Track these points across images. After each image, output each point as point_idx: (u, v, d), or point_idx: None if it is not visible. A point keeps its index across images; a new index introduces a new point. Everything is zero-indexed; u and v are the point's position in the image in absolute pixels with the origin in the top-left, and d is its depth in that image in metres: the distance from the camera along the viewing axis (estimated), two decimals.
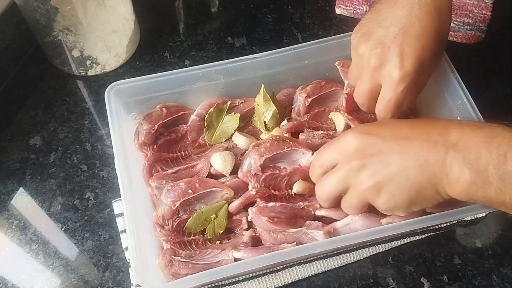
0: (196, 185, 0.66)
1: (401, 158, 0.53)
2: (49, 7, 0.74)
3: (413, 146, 0.53)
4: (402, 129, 0.55)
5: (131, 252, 0.59)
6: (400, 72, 0.59)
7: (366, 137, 0.55)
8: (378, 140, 0.55)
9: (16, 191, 0.74)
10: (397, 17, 0.60)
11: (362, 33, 0.63)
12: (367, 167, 0.54)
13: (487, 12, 0.90)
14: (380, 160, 0.54)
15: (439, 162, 0.51)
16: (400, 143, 0.53)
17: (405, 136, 0.54)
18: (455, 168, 0.51)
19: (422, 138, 0.53)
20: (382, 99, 0.62)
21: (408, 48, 0.59)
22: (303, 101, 0.74)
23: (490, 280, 0.67)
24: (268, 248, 0.63)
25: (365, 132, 0.56)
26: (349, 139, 0.56)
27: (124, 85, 0.70)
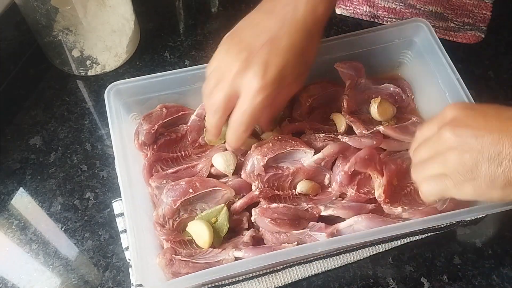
0: (197, 185, 0.66)
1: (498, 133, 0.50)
2: (49, 7, 0.74)
3: None
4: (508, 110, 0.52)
5: (131, 251, 0.59)
6: (261, 81, 0.57)
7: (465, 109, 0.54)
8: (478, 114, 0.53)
9: (16, 191, 0.74)
10: (268, 27, 0.59)
11: (232, 38, 0.62)
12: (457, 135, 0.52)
13: (487, 12, 0.90)
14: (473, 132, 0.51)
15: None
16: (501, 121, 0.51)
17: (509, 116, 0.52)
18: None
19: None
20: (238, 108, 0.60)
21: (273, 58, 0.58)
22: (303, 102, 0.74)
23: (490, 280, 0.67)
24: (269, 248, 0.63)
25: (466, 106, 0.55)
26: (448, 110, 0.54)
27: (124, 85, 0.70)
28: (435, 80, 0.72)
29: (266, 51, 0.58)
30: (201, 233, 0.64)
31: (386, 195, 0.65)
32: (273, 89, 0.58)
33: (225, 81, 0.60)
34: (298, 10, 0.59)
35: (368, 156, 0.67)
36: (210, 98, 0.62)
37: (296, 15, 0.59)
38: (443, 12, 0.91)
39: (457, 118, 0.53)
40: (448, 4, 0.91)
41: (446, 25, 0.89)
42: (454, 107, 0.54)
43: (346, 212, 0.65)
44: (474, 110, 0.54)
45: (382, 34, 0.75)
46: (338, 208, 0.65)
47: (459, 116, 0.53)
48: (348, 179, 0.67)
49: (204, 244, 0.64)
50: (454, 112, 0.54)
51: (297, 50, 0.59)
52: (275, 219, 0.64)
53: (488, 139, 0.50)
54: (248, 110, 0.59)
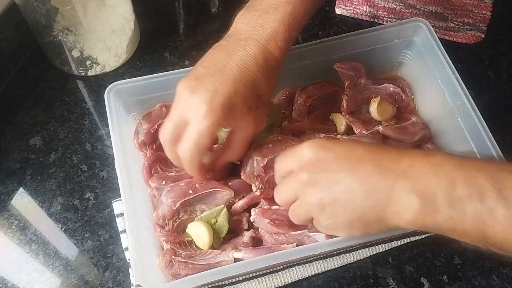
0: (197, 186, 0.66)
1: (349, 179, 0.52)
2: (49, 7, 0.74)
3: (364, 170, 0.52)
4: (357, 151, 0.54)
5: (131, 252, 0.59)
6: (207, 106, 0.56)
7: (320, 151, 0.54)
8: (331, 156, 0.54)
9: (16, 191, 0.74)
10: (218, 59, 0.59)
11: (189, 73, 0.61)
12: (315, 182, 0.54)
13: (487, 12, 0.90)
14: (328, 178, 0.53)
15: (387, 189, 0.50)
16: (352, 164, 0.53)
17: (359, 158, 0.53)
18: (403, 195, 0.50)
19: (375, 163, 0.52)
20: (185, 136, 0.59)
21: (221, 86, 0.57)
22: (303, 102, 0.74)
23: (490, 280, 0.67)
24: (269, 249, 0.63)
25: (321, 146, 0.55)
26: (304, 150, 0.55)
27: (124, 85, 0.70)
28: (434, 80, 0.72)
29: (215, 78, 0.57)
30: (201, 235, 0.64)
31: None
32: (221, 116, 0.57)
33: (173, 111, 0.60)
34: (249, 45, 0.59)
35: None
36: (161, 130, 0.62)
37: (246, 50, 0.59)
38: (443, 12, 0.91)
39: (313, 160, 0.54)
40: (448, 4, 0.91)
41: (446, 25, 0.89)
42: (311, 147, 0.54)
43: None
44: (328, 151, 0.54)
45: (382, 34, 0.75)
46: None
47: (315, 158, 0.54)
48: None
49: (203, 246, 0.64)
50: (310, 154, 0.54)
51: (247, 81, 0.58)
52: (274, 220, 0.64)
53: (341, 186, 0.52)
54: (194, 136, 0.58)
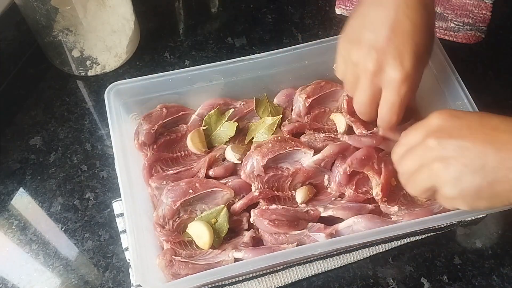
0: (197, 185, 0.66)
1: (482, 145, 0.50)
2: (49, 7, 0.74)
3: (500, 137, 0.50)
4: (492, 120, 0.52)
5: (131, 252, 0.59)
6: (401, 73, 0.57)
7: (450, 118, 0.53)
8: (463, 124, 0.52)
9: (16, 191, 0.74)
10: (384, 17, 0.58)
11: (350, 40, 0.61)
12: (443, 147, 0.51)
13: (487, 12, 0.90)
14: (459, 144, 0.51)
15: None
16: (485, 132, 0.50)
17: (494, 126, 0.51)
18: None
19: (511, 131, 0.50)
20: (385, 103, 0.60)
21: (403, 47, 0.57)
22: (303, 102, 0.74)
23: (490, 280, 0.67)
24: (269, 249, 0.63)
25: (451, 114, 0.53)
26: (432, 119, 0.54)
27: (124, 86, 0.70)
28: (434, 80, 0.72)
29: (393, 42, 0.57)
30: (201, 234, 0.64)
31: (384, 194, 0.66)
32: (415, 75, 0.58)
33: (363, 84, 0.60)
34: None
35: (365, 156, 0.67)
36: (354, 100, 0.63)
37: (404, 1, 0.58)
38: (443, 12, 0.91)
39: (443, 128, 0.53)
40: (448, 4, 0.91)
41: (446, 25, 0.89)
42: (439, 116, 0.54)
43: (346, 212, 0.65)
44: (459, 119, 0.53)
45: None
46: (337, 209, 0.65)
47: (444, 125, 0.53)
48: (347, 179, 0.67)
49: (204, 245, 0.64)
50: (439, 121, 0.53)
51: (422, 27, 0.58)
52: (274, 220, 0.64)
53: (472, 152, 0.50)
54: (396, 102, 0.59)
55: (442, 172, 0.52)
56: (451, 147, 0.51)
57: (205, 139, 0.73)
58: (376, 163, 0.67)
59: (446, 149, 0.51)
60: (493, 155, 0.49)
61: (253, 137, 0.73)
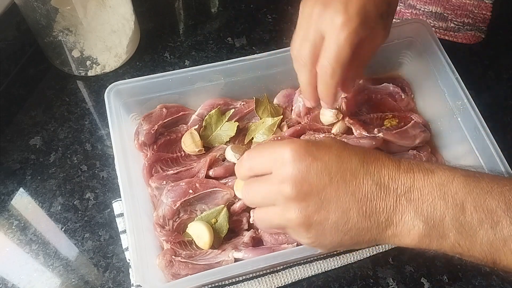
0: (197, 185, 0.66)
1: (344, 198, 0.46)
2: (49, 7, 0.74)
3: (361, 187, 0.47)
4: (351, 161, 0.48)
5: (131, 252, 0.59)
6: (343, 16, 0.53)
7: (306, 160, 0.47)
8: (321, 168, 0.47)
9: (16, 191, 0.74)
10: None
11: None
12: (302, 199, 0.47)
13: (487, 12, 0.90)
14: (319, 196, 0.47)
15: (387, 210, 0.46)
16: (346, 179, 0.47)
17: (353, 171, 0.47)
18: (406, 218, 0.46)
19: (373, 179, 0.47)
20: (323, 51, 0.55)
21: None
22: (303, 102, 0.74)
23: (490, 280, 0.67)
24: (269, 249, 0.63)
25: (306, 152, 0.47)
26: (287, 156, 0.47)
27: (124, 86, 0.70)
28: (434, 80, 0.72)
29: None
30: (201, 234, 0.64)
31: None
32: (357, 24, 0.54)
33: (307, 30, 0.57)
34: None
35: None
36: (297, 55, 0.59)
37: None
38: (443, 12, 0.91)
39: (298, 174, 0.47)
40: (448, 4, 0.91)
41: (446, 25, 0.89)
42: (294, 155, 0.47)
43: None
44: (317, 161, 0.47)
45: None
46: None
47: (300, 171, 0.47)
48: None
49: (204, 245, 0.64)
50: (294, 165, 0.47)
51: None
52: None
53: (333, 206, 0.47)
54: (333, 49, 0.54)
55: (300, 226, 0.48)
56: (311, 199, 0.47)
57: (205, 139, 0.73)
58: None
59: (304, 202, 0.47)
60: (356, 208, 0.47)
61: (253, 138, 0.73)
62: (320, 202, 0.47)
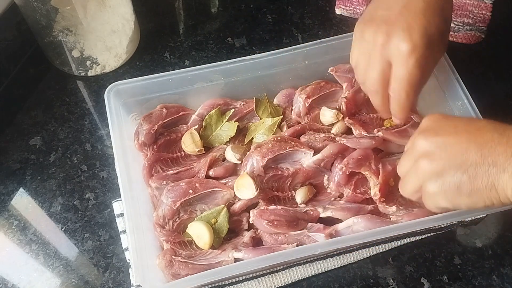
0: (197, 185, 0.66)
1: (466, 142, 0.51)
2: (49, 7, 0.74)
3: (483, 135, 0.51)
4: (479, 122, 0.55)
5: (131, 252, 0.59)
6: (409, 43, 0.57)
7: (439, 120, 0.55)
8: (450, 124, 0.54)
9: (16, 191, 0.74)
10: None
11: (365, 21, 0.62)
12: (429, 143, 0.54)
13: (487, 12, 0.90)
14: (443, 140, 0.53)
15: (506, 155, 0.49)
16: (470, 131, 0.52)
17: (480, 127, 0.52)
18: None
19: (497, 131, 0.51)
20: (394, 77, 0.60)
21: (413, 21, 0.58)
22: (303, 102, 0.74)
23: (490, 280, 0.67)
24: (269, 249, 0.63)
25: (441, 116, 0.56)
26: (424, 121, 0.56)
27: (124, 86, 0.70)
28: (434, 80, 0.72)
29: (404, 16, 0.58)
30: (201, 234, 0.64)
31: (382, 194, 0.66)
32: (424, 49, 0.58)
33: (373, 58, 0.60)
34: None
35: (362, 157, 0.67)
36: (366, 81, 0.63)
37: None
38: None
39: (431, 127, 0.55)
40: None
41: None
42: (430, 118, 0.56)
43: (345, 213, 0.65)
44: (447, 120, 0.55)
45: None
46: (336, 210, 0.65)
47: (432, 126, 0.55)
48: (346, 179, 0.68)
49: (204, 245, 0.64)
50: (428, 123, 0.56)
51: (435, 8, 0.59)
52: (272, 221, 0.64)
53: (455, 147, 0.52)
54: (404, 75, 0.59)
55: (426, 166, 0.53)
56: (436, 143, 0.53)
57: (205, 139, 0.73)
58: (373, 163, 0.68)
59: (431, 146, 0.53)
60: (475, 151, 0.51)
61: (253, 138, 0.73)
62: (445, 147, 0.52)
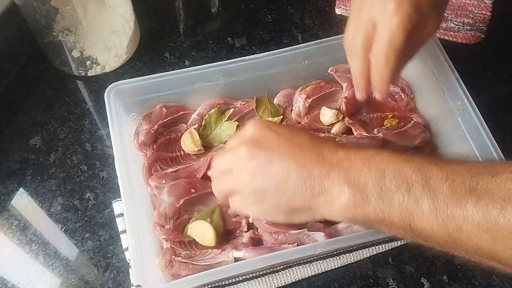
0: (198, 185, 0.66)
1: (287, 161, 0.52)
2: (49, 7, 0.74)
3: (303, 155, 0.52)
4: (300, 137, 0.55)
5: (131, 252, 0.59)
6: (395, 1, 0.54)
7: (262, 129, 0.55)
8: (273, 136, 0.54)
9: (16, 191, 0.74)
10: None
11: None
12: (252, 157, 0.53)
13: (487, 12, 0.90)
14: (266, 155, 0.53)
15: (321, 177, 0.51)
16: (292, 148, 0.53)
17: (300, 143, 0.53)
18: (336, 185, 0.51)
19: (314, 151, 0.53)
20: (376, 39, 0.56)
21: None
22: (303, 102, 0.74)
23: (490, 280, 0.67)
24: (269, 248, 0.63)
25: (264, 125, 0.55)
26: (247, 128, 0.56)
27: (124, 86, 0.70)
28: (434, 80, 0.72)
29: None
30: (205, 232, 0.64)
31: None
32: (410, 10, 0.54)
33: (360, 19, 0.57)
34: None
35: None
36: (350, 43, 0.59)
37: None
38: None
39: (255, 138, 0.55)
40: (448, 4, 0.91)
41: (446, 25, 0.89)
42: (253, 125, 0.56)
43: None
44: (271, 132, 0.55)
45: None
46: None
47: (256, 135, 0.55)
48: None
49: (210, 242, 0.64)
50: (253, 131, 0.55)
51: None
52: None
53: (277, 166, 0.52)
54: (386, 35, 0.55)
55: (245, 179, 0.54)
56: (259, 157, 0.53)
57: (205, 138, 0.73)
58: None
59: (254, 160, 0.53)
60: (295, 172, 0.52)
61: None
62: (266, 163, 0.53)
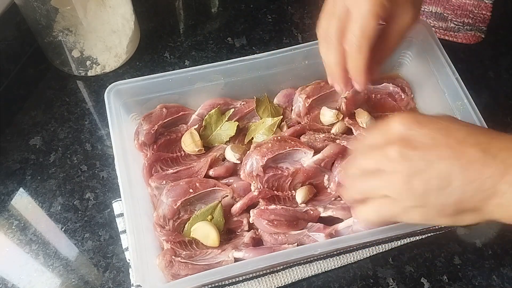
0: (197, 185, 0.66)
1: (448, 161, 0.45)
2: (49, 7, 0.74)
3: (466, 154, 0.45)
4: (459, 131, 0.47)
5: (131, 252, 0.59)
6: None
7: (413, 126, 0.48)
8: (427, 134, 0.47)
9: (16, 191, 0.74)
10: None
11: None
12: (405, 159, 0.47)
13: (487, 12, 0.90)
14: (421, 156, 0.46)
15: (494, 179, 0.44)
16: (452, 146, 0.46)
17: (460, 139, 0.46)
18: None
19: (480, 147, 0.45)
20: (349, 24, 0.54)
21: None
22: (303, 102, 0.74)
23: (490, 280, 0.67)
24: (269, 248, 0.63)
25: (414, 120, 0.48)
26: (394, 125, 0.48)
27: (124, 86, 0.70)
28: (434, 80, 0.72)
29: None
30: (208, 233, 0.65)
31: None
32: None
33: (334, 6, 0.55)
34: None
35: None
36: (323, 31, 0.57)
37: None
38: (443, 12, 0.91)
39: (405, 136, 0.48)
40: (448, 4, 0.91)
41: (446, 25, 0.89)
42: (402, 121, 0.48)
43: (345, 213, 0.65)
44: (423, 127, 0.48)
45: None
46: (337, 209, 0.65)
47: (407, 134, 0.48)
48: None
49: (214, 243, 0.64)
50: (401, 128, 0.48)
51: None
52: (272, 221, 0.64)
53: (438, 167, 0.46)
54: (358, 21, 0.53)
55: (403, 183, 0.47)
56: (415, 159, 0.47)
57: (205, 139, 0.73)
58: None
59: (409, 161, 0.47)
60: (459, 173, 0.45)
61: (253, 138, 0.73)
62: (424, 165, 0.46)
